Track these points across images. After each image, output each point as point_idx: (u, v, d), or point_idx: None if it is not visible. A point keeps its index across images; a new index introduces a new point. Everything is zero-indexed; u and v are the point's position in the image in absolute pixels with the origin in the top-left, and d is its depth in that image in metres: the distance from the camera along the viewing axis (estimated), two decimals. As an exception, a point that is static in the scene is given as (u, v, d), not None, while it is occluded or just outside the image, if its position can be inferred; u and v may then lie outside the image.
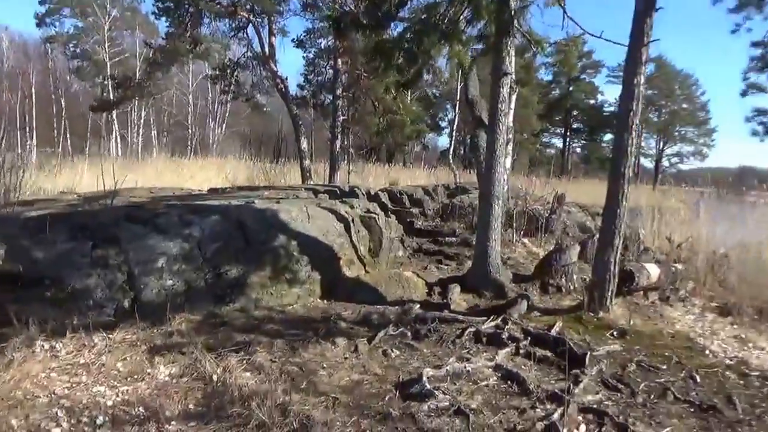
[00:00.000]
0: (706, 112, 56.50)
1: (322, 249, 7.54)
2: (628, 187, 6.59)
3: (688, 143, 57.15)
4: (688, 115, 55.73)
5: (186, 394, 4.49)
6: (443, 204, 12.45)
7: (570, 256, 7.91)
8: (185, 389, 4.56)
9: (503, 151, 7.82)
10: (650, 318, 7.11)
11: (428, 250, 10.06)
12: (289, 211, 7.68)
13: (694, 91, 56.54)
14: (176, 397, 4.44)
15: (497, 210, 7.73)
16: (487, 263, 7.72)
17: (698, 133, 56.58)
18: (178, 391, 4.52)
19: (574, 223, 12.06)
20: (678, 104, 55.84)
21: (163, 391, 4.49)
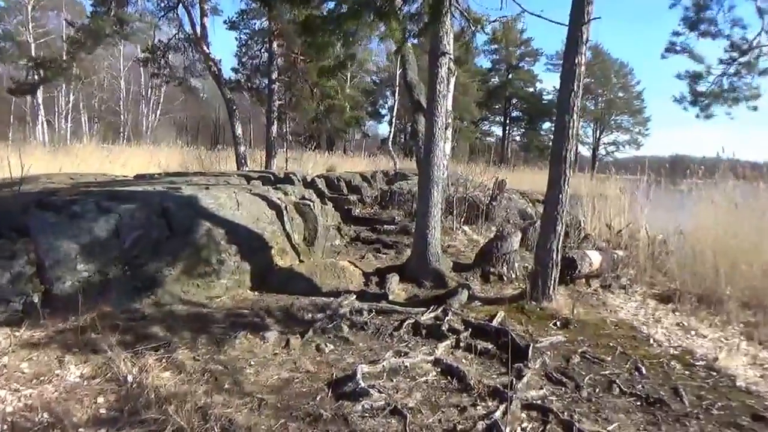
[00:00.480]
0: (641, 101, 57.90)
1: (252, 237, 7.11)
2: (570, 172, 6.37)
3: (624, 132, 58.46)
4: (624, 103, 56.96)
5: (97, 397, 4.06)
6: (382, 191, 12.13)
7: (511, 244, 7.69)
8: (97, 392, 4.12)
9: (442, 135, 7.52)
10: (593, 306, 6.94)
11: (366, 238, 9.73)
12: (217, 198, 7.21)
13: (629, 81, 57.87)
14: (86, 401, 4.00)
15: (436, 196, 7.43)
16: (427, 252, 7.43)
17: (633, 121, 57.89)
18: (88, 393, 4.09)
19: (515, 209, 11.92)
20: (614, 93, 56.96)
21: (73, 395, 4.07)
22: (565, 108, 6.29)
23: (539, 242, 6.60)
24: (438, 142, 7.39)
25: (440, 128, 7.39)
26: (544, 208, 6.67)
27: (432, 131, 7.37)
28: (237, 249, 6.83)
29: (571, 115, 6.27)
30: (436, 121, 7.33)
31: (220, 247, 6.71)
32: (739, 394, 4.59)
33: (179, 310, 5.92)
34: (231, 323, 5.65)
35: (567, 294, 7.11)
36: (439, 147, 7.41)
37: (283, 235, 7.64)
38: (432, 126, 7.36)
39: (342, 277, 7.19)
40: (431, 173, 7.37)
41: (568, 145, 6.30)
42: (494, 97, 57.10)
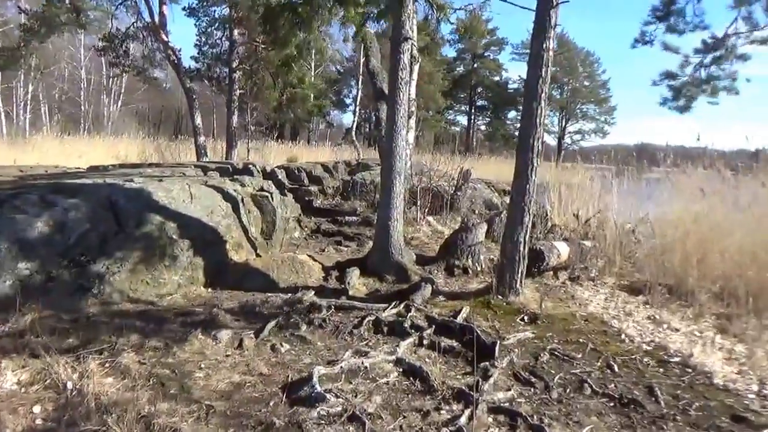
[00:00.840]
0: (607, 89, 58.33)
1: (206, 231, 6.76)
2: (538, 161, 6.16)
3: (590, 120, 58.84)
4: (590, 92, 57.29)
5: (34, 406, 3.74)
6: (344, 181, 11.81)
7: (477, 236, 7.46)
8: (34, 400, 3.80)
9: (405, 123, 7.25)
10: (562, 300, 6.74)
11: (327, 230, 9.44)
12: (170, 190, 6.84)
13: (595, 69, 58.22)
14: (22, 410, 3.68)
15: (399, 187, 7.16)
16: (389, 244, 7.16)
17: (599, 110, 58.30)
18: (25, 402, 3.76)
19: (480, 200, 11.72)
20: (580, 82, 57.28)
21: (8, 403, 3.74)
22: (533, 95, 6.07)
23: (506, 234, 6.38)
24: (400, 130, 7.12)
25: (402, 116, 7.11)
26: (510, 199, 6.45)
27: (394, 119, 7.09)
28: (190, 244, 6.49)
29: (539, 102, 6.05)
30: (399, 109, 7.06)
31: (172, 241, 6.36)
32: (717, 393, 4.41)
33: (127, 309, 5.58)
34: (182, 323, 5.34)
35: (534, 287, 6.92)
36: (401, 136, 7.14)
37: (239, 228, 7.30)
38: (394, 114, 7.08)
39: (301, 272, 6.90)
40: (393, 163, 7.10)
41: (536, 133, 6.09)
42: (459, 86, 56.99)
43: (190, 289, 6.36)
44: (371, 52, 10.44)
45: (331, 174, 12.31)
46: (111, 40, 17.85)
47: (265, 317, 5.57)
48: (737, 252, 7.26)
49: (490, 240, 8.26)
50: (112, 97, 47.12)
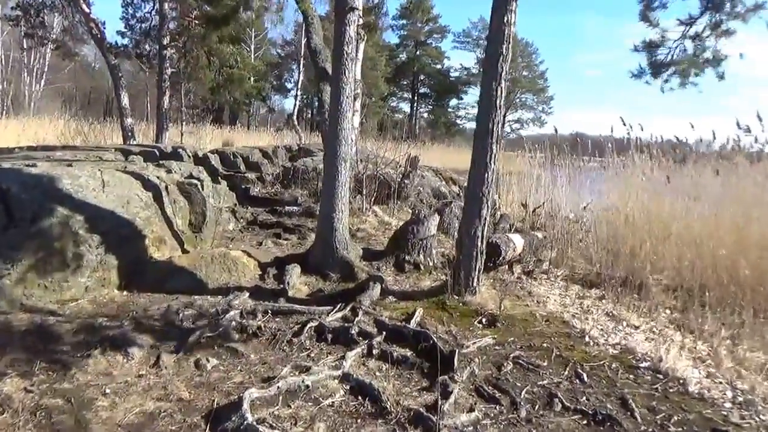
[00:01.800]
0: (545, 80, 58.71)
1: (121, 225, 5.90)
2: (498, 147, 5.54)
3: (528, 110, 59.16)
4: (529, 82, 57.51)
5: None
6: (284, 168, 11.00)
7: (428, 228, 6.82)
8: None
9: (350, 104, 6.53)
10: (519, 298, 6.19)
11: (265, 222, 8.64)
12: (77, 177, 5.95)
13: (533, 60, 58.52)
14: None
15: (344, 174, 6.45)
16: (333, 238, 6.45)
17: (537, 100, 58.65)
18: None
19: (428, 188, 11.10)
20: (519, 72, 57.41)
21: None
22: (492, 74, 5.45)
23: (462, 228, 5.76)
24: (345, 112, 6.40)
25: (348, 97, 6.39)
26: (467, 188, 5.82)
27: (338, 100, 6.36)
28: (101, 240, 5.62)
29: (499, 82, 5.43)
30: (344, 88, 6.33)
31: (78, 237, 5.49)
32: (693, 403, 3.97)
33: (18, 321, 4.70)
34: (86, 336, 4.54)
35: (490, 284, 6.37)
36: (346, 118, 6.42)
37: (161, 220, 6.46)
38: (339, 94, 6.36)
39: (233, 271, 6.13)
40: (338, 148, 6.38)
41: (495, 116, 5.48)
42: (402, 72, 56.50)
43: (100, 293, 5.51)
44: (313, 28, 9.67)
45: (270, 160, 11.49)
46: (26, 9, 16.45)
47: (189, 326, 4.83)
48: (686, 242, 6.98)
49: (440, 232, 7.62)
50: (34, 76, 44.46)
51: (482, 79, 5.60)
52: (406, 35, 57.02)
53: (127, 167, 7.24)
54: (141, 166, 7.46)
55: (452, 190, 11.41)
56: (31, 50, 27.22)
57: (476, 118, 5.67)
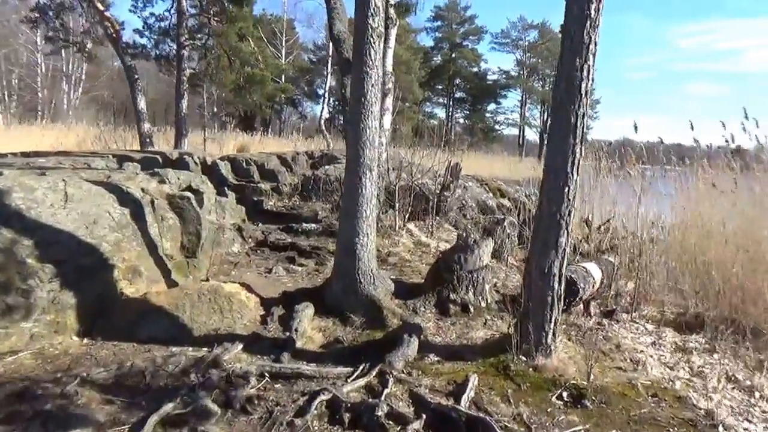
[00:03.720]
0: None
1: (82, 251, 4.51)
2: (582, 150, 4.03)
3: (572, 114, 56.96)
4: (572, 85, 55.39)
5: None
6: (304, 177, 9.57)
7: (480, 257, 5.31)
8: None
9: (377, 96, 5.05)
10: (606, 355, 4.66)
11: (277, 242, 7.17)
12: (31, 189, 4.60)
13: (578, 60, 56.40)
14: None
15: (369, 187, 4.99)
16: (356, 269, 4.99)
17: (582, 104, 56.50)
18: None
19: (472, 201, 9.57)
20: (561, 74, 55.48)
21: None
22: (576, 45, 3.94)
23: (531, 262, 4.24)
24: (370, 106, 4.95)
25: (373, 85, 4.94)
26: (538, 208, 4.28)
27: (362, 89, 4.92)
28: (55, 271, 4.26)
29: (585, 58, 3.93)
30: (367, 73, 4.89)
31: (24, 268, 4.14)
32: None
33: None
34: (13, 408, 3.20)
35: (564, 333, 4.83)
36: (371, 114, 4.97)
37: (139, 244, 5.05)
38: (362, 81, 4.92)
39: (227, 311, 4.70)
40: (360, 153, 4.93)
41: (579, 106, 3.97)
42: (437, 76, 54.83)
43: (51, 342, 4.15)
44: (336, 13, 8.29)
45: (288, 168, 10.08)
46: (44, 11, 15.40)
47: (158, 394, 3.45)
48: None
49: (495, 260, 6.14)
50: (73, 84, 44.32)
51: (561, 53, 4.08)
52: (441, 37, 55.44)
53: (110, 177, 5.89)
54: (127, 176, 6.09)
55: (501, 203, 9.85)
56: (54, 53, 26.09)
57: (551, 111, 4.17)
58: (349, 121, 5.15)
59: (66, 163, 6.96)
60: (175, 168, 8.06)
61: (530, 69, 55.97)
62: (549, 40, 53.60)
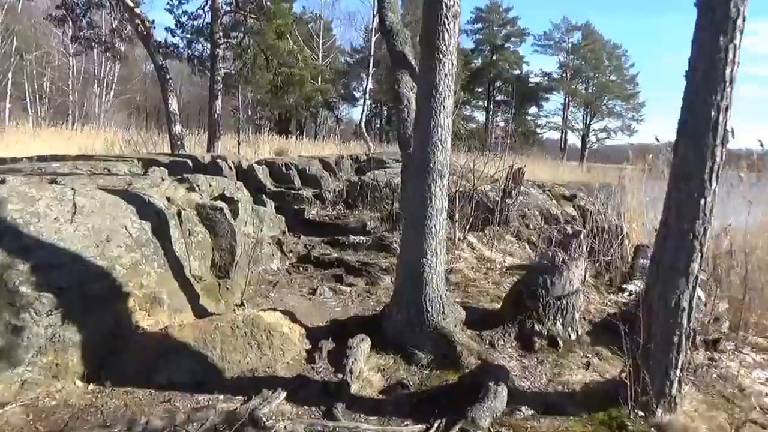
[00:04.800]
0: (635, 84, 54.79)
1: (91, 276, 3.71)
2: (724, 151, 3.09)
3: (616, 117, 55.20)
4: (617, 87, 53.58)
5: None
6: (350, 183, 8.70)
7: (569, 280, 4.38)
8: None
9: (450, 90, 4.16)
10: (730, 402, 3.72)
11: (322, 258, 6.29)
12: (32, 200, 3.84)
13: (623, 63, 54.68)
14: None
15: (440, 197, 4.11)
16: (423, 295, 4.12)
17: (626, 106, 54.70)
18: None
19: (534, 209, 8.59)
20: (606, 76, 53.83)
21: None
22: (722, 22, 3.01)
23: (652, 292, 3.31)
24: (443, 100, 4.09)
25: (447, 76, 4.06)
26: (663, 224, 3.33)
27: (433, 83, 4.04)
28: (56, 302, 3.47)
29: (731, 34, 2.99)
30: (441, 62, 4.02)
31: (17, 298, 3.36)
32: None
33: None
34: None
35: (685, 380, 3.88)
36: (445, 110, 4.10)
37: (161, 265, 4.23)
38: (433, 75, 4.04)
39: (267, 347, 3.88)
40: (430, 156, 4.06)
41: (720, 96, 3.04)
42: (477, 79, 53.64)
43: (49, 390, 3.37)
44: (387, 3, 7.42)
45: (332, 173, 9.22)
46: (70, 8, 14.81)
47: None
48: None
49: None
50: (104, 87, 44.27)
51: (696, 33, 3.14)
52: (482, 39, 54.32)
53: (131, 184, 5.13)
54: (151, 182, 5.31)
55: (565, 211, 8.87)
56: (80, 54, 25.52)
57: (683, 105, 3.20)
58: (416, 118, 4.27)
59: (83, 169, 6.22)
60: (207, 173, 7.30)
61: (573, 71, 54.53)
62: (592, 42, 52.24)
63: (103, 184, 5.08)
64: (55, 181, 4.84)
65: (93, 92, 43.65)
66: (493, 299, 5.28)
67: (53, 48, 40.22)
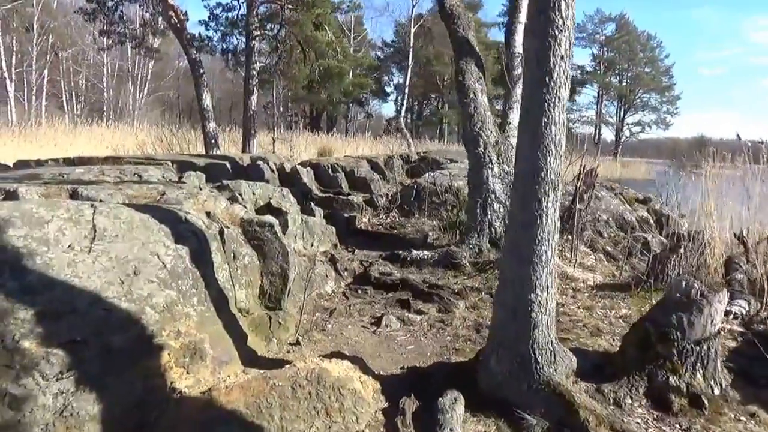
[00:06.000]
0: (670, 76, 52.98)
1: (115, 323, 2.90)
2: None
3: (651, 111, 53.50)
4: (651, 79, 51.85)
5: None
6: (403, 186, 7.82)
7: (712, 317, 3.47)
8: None
9: (567, 77, 3.24)
10: None
11: (383, 279, 5.36)
12: (41, 222, 3.06)
13: (657, 54, 52.90)
14: None
15: (552, 215, 3.23)
16: (530, 340, 3.24)
17: (661, 99, 52.96)
18: None
19: (607, 215, 7.63)
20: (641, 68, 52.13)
21: None
22: None
23: None
24: (557, 90, 3.20)
25: (563, 58, 3.17)
26: None
27: (546, 67, 3.16)
28: (69, 360, 2.68)
29: None
30: (556, 39, 3.14)
31: (17, 356, 2.59)
32: None
33: None
34: None
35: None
36: (560, 103, 3.22)
37: (201, 301, 3.40)
38: (545, 56, 3.15)
39: (337, 411, 3.04)
40: (541, 163, 3.18)
41: None
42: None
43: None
44: (449, -15, 6.63)
45: (382, 175, 8.36)
46: (103, 2, 14.16)
47: None
48: None
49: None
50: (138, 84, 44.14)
51: None
52: (513, 32, 53.09)
53: (165, 194, 4.35)
54: (188, 192, 4.50)
55: (641, 216, 7.89)
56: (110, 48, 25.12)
57: None
58: (522, 112, 3.38)
59: (110, 175, 5.43)
60: (247, 177, 6.53)
61: (607, 64, 52.95)
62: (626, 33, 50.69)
63: (132, 195, 4.31)
64: (75, 193, 4.09)
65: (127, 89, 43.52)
66: (593, 332, 4.39)
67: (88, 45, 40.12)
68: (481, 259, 5.71)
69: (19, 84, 35.55)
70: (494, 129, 6.31)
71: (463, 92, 6.26)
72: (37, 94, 36.93)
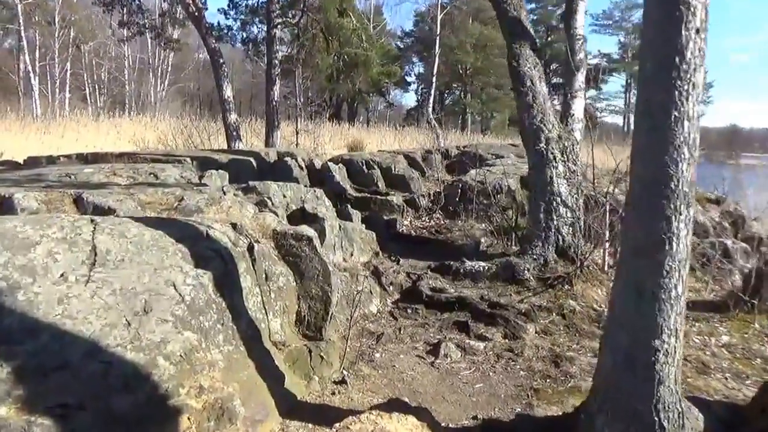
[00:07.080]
0: (701, 63, 51.65)
1: (118, 381, 2.21)
2: None
3: (678, 99, 52.16)
4: (682, 65, 50.49)
5: None
6: (445, 185, 7.08)
7: None
8: None
9: (702, 60, 2.50)
10: None
11: (435, 296, 4.65)
12: (26, 246, 2.37)
13: (686, 39, 51.51)
14: None
15: (684, 238, 2.48)
16: (653, 398, 2.51)
17: (692, 87, 51.63)
18: None
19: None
20: (668, 53, 50.84)
21: None
22: None
23: None
24: (692, 75, 2.45)
25: (698, 32, 2.42)
26: None
27: (675, 44, 2.43)
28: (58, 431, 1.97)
29: None
30: (692, 11, 2.39)
31: (-7, 429, 1.89)
32: None
33: None
34: None
35: None
36: (695, 91, 2.47)
37: (229, 339, 2.70)
38: (675, 33, 2.42)
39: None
40: (668, 170, 2.43)
41: None
42: (533, 61, 51.35)
43: None
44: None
45: (420, 172, 7.62)
46: (119, -9, 13.55)
47: None
48: None
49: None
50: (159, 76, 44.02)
51: None
52: (537, 19, 51.77)
53: (183, 200, 3.67)
54: (209, 197, 3.81)
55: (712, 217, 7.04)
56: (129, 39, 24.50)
57: None
58: (641, 110, 2.61)
59: (123, 175, 4.76)
60: (273, 175, 5.84)
61: (635, 51, 51.63)
62: (649, 14, 49.43)
63: (145, 201, 3.64)
64: (79, 199, 3.42)
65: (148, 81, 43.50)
66: (699, 369, 3.65)
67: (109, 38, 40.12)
68: (547, 272, 4.96)
69: (43, 77, 35.44)
70: (556, 121, 5.55)
71: (518, 80, 5.51)
72: (61, 87, 36.92)
